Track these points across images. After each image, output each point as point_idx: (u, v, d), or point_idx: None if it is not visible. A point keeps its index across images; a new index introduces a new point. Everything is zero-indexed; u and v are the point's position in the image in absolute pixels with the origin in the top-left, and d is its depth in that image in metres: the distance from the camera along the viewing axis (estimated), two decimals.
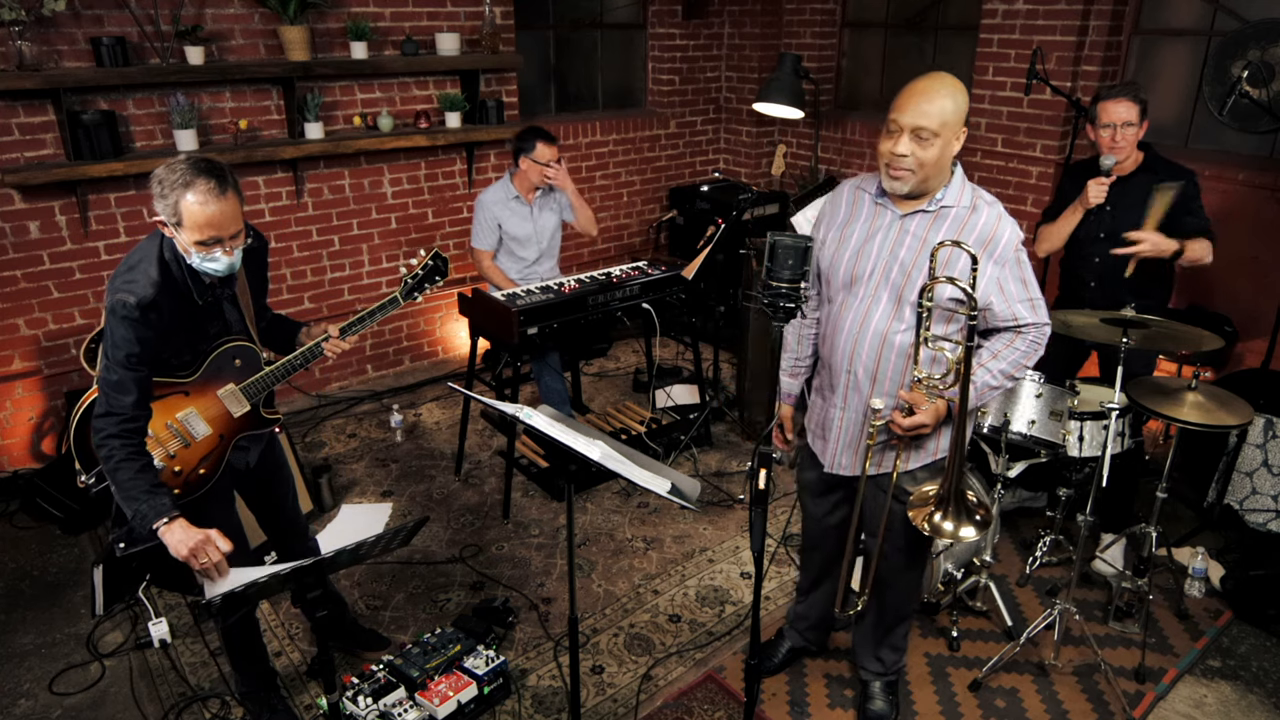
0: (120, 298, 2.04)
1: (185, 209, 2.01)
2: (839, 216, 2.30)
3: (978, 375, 2.15)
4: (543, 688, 2.80)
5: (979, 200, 2.15)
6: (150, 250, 2.13)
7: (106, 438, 2.03)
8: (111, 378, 2.05)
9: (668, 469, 2.06)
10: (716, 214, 4.69)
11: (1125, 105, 3.01)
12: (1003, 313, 2.16)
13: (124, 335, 2.04)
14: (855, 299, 2.22)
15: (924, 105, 2.02)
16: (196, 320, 2.20)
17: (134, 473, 2.03)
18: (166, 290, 2.09)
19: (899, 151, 2.06)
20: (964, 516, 2.10)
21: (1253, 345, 3.99)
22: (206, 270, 2.11)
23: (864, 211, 2.25)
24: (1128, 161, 3.11)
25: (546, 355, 3.86)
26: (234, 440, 2.36)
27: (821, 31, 5.67)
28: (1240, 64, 3.40)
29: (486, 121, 4.79)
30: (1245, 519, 3.51)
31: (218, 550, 2.01)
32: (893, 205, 2.19)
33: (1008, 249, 2.12)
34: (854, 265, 2.21)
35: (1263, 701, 2.77)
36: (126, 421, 2.05)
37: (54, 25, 3.62)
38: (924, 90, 2.03)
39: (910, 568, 2.49)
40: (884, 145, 2.10)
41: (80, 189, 3.82)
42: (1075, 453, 2.99)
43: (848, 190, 2.32)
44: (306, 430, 4.42)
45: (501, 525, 3.66)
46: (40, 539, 3.57)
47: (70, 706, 2.73)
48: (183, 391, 2.25)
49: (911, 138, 2.04)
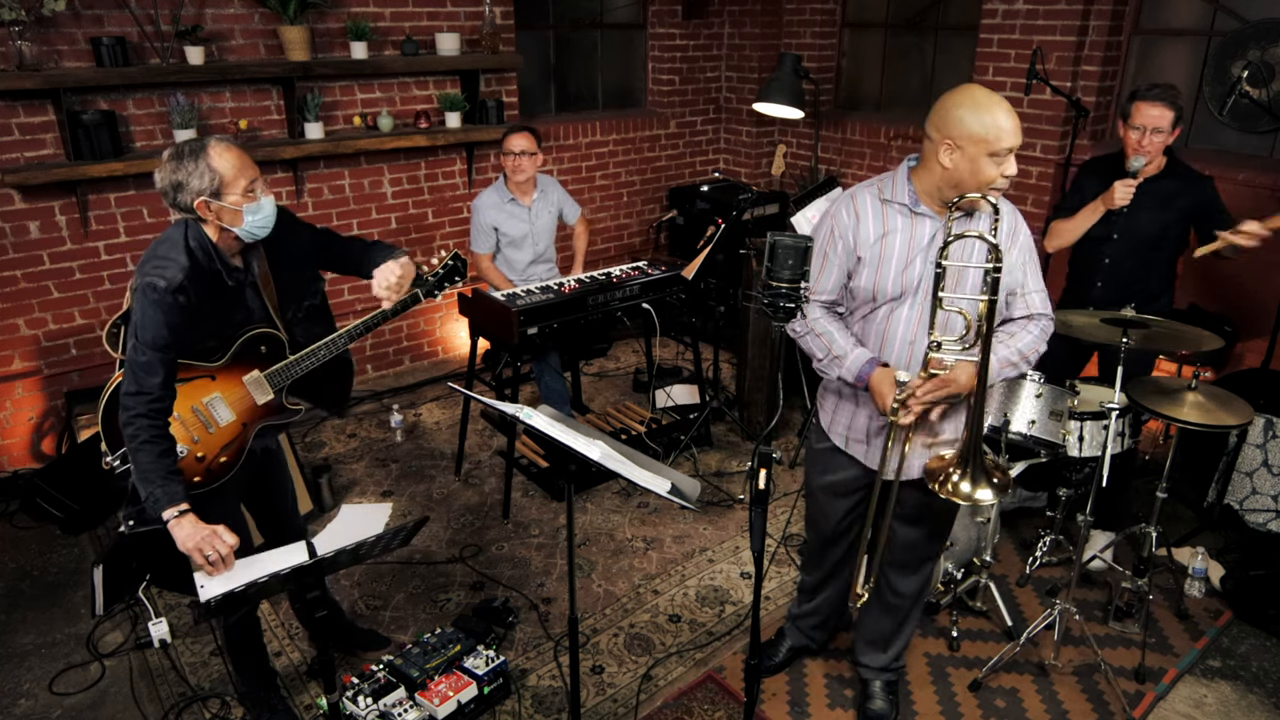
0: (151, 280, 2.07)
1: (218, 163, 2.08)
2: (868, 231, 2.20)
3: (998, 349, 2.16)
4: (543, 688, 2.80)
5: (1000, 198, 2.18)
6: (177, 237, 2.16)
7: (134, 416, 2.07)
8: (140, 359, 2.08)
9: (668, 469, 2.06)
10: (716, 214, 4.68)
11: (1160, 110, 2.94)
12: (1019, 300, 2.23)
13: (154, 318, 2.07)
14: (905, 308, 2.21)
15: (1017, 122, 2.04)
16: (223, 306, 2.23)
17: (155, 456, 2.07)
18: (195, 275, 2.13)
19: (1012, 172, 2.07)
20: (981, 478, 2.11)
21: (1253, 345, 3.99)
22: (259, 225, 2.17)
23: (900, 223, 2.19)
24: (1152, 165, 3.05)
25: (546, 355, 3.86)
26: (256, 429, 2.38)
27: (821, 31, 5.67)
28: (1240, 64, 3.40)
29: (486, 121, 4.79)
30: (1245, 519, 3.51)
31: (225, 544, 2.04)
32: (935, 214, 2.18)
33: (1028, 240, 2.23)
34: (902, 278, 2.19)
35: (1263, 701, 2.77)
36: (154, 401, 2.08)
37: (54, 25, 3.62)
38: (1008, 109, 2.04)
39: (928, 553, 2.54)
40: (990, 171, 2.05)
41: (80, 189, 3.82)
42: (1075, 453, 2.99)
43: (869, 203, 2.22)
44: (306, 430, 4.42)
45: (501, 525, 3.66)
46: (40, 539, 3.57)
47: (70, 706, 2.73)
48: (209, 376, 2.28)
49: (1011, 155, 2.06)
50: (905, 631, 2.64)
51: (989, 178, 2.06)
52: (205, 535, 2.03)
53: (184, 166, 2.06)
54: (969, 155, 2.05)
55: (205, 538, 2.03)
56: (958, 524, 3.07)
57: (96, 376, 4.03)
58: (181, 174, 2.06)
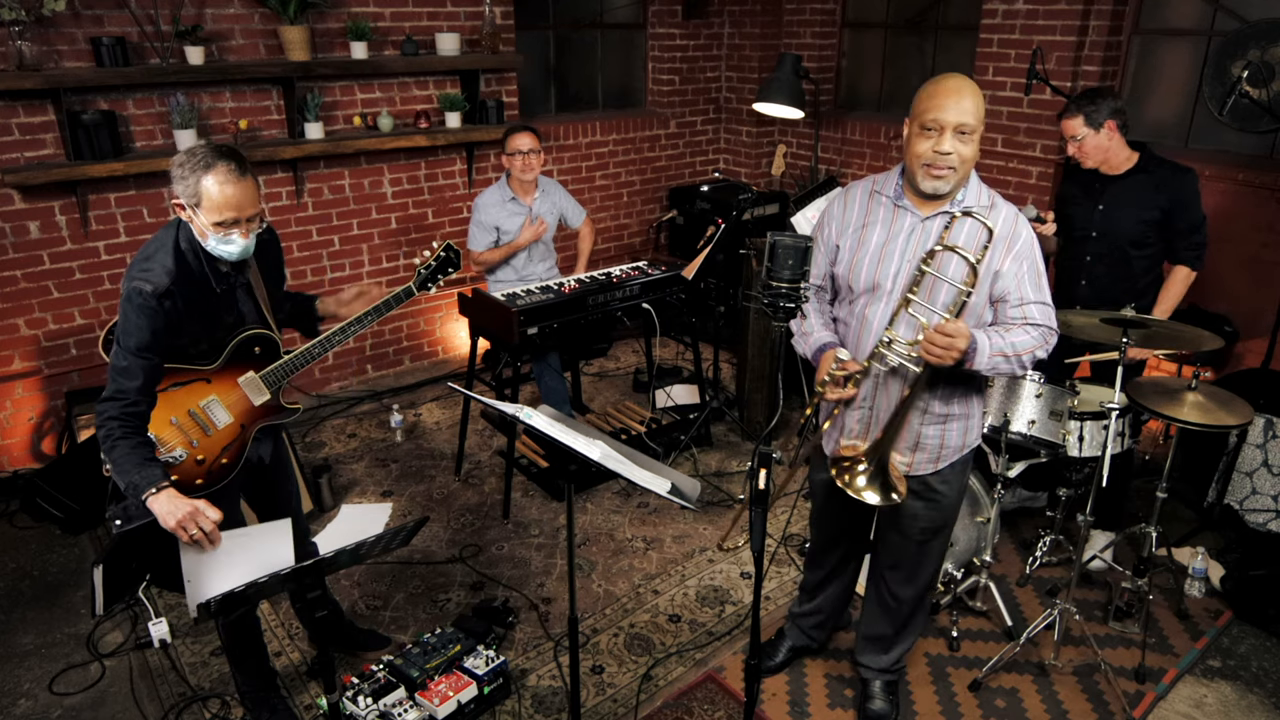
0: (136, 285, 2.07)
1: (205, 190, 2.05)
2: (852, 220, 2.24)
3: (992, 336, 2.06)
4: (543, 688, 2.80)
5: (996, 199, 2.17)
6: (166, 240, 2.15)
7: (108, 419, 2.07)
8: (120, 363, 2.08)
9: (668, 469, 2.06)
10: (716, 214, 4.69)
11: (1067, 123, 3.11)
12: (1015, 309, 2.12)
13: (137, 323, 2.07)
14: (879, 303, 2.20)
15: (963, 102, 2.00)
16: (212, 309, 2.23)
17: (129, 448, 2.06)
18: (182, 279, 2.12)
19: (944, 149, 2.02)
20: (877, 480, 2.11)
21: (1253, 345, 3.99)
22: (221, 253, 2.15)
23: (881, 215, 2.20)
24: (1119, 161, 3.13)
25: (546, 355, 3.86)
26: (254, 430, 2.38)
27: (821, 31, 5.66)
28: (1240, 64, 3.40)
29: (486, 121, 4.79)
30: (1245, 519, 3.51)
31: (208, 520, 2.01)
32: (914, 208, 2.15)
33: (1026, 245, 2.12)
34: (875, 270, 2.19)
35: (1263, 701, 2.77)
36: (129, 406, 2.08)
37: (54, 25, 3.62)
38: (957, 88, 2.01)
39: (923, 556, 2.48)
40: (921, 146, 2.04)
41: (80, 189, 3.82)
42: (1075, 453, 2.99)
43: (860, 193, 2.26)
44: (306, 430, 4.42)
45: (501, 525, 3.66)
46: (40, 539, 3.57)
47: (70, 706, 2.73)
48: (204, 379, 2.28)
49: (954, 135, 2.01)
50: (906, 636, 2.64)
51: (917, 152, 2.06)
52: (187, 511, 1.99)
53: (184, 168, 2.06)
54: (910, 130, 2.09)
55: (188, 513, 1.99)
56: (958, 524, 3.07)
57: (96, 376, 4.03)
58: (178, 172, 2.07)
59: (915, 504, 2.35)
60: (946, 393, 2.22)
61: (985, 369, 2.07)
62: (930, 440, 2.28)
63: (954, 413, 2.25)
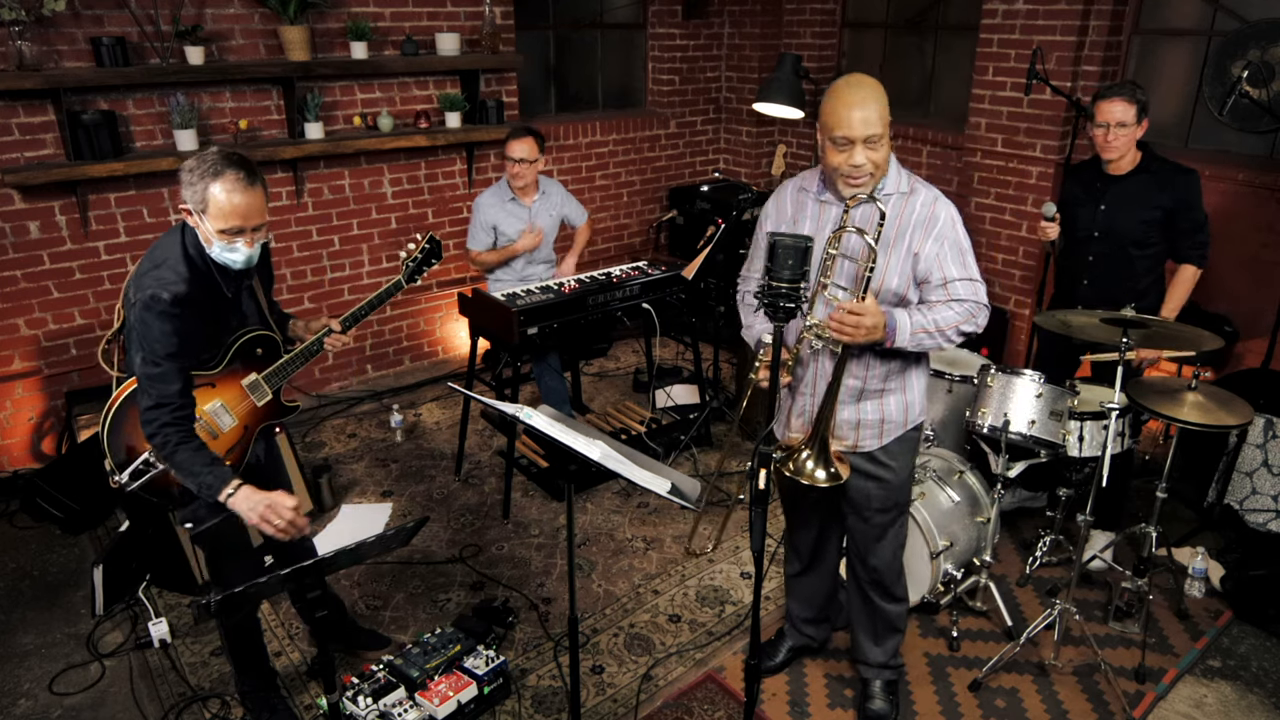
0: (154, 293, 2.07)
1: (212, 197, 2.05)
2: (785, 216, 2.37)
3: (912, 313, 2.16)
4: (543, 688, 2.80)
5: (915, 184, 2.25)
6: (173, 247, 2.15)
7: (161, 427, 2.08)
8: (153, 371, 2.08)
9: (668, 469, 2.06)
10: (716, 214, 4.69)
11: (1120, 105, 3.01)
12: (939, 288, 2.20)
13: (162, 329, 2.07)
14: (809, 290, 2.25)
15: (867, 114, 2.09)
16: (222, 313, 2.25)
17: (191, 451, 2.11)
18: (195, 284, 2.14)
19: (856, 163, 2.12)
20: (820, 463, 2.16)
21: (1253, 345, 3.99)
22: (226, 261, 2.15)
23: (809, 209, 2.32)
24: (1124, 160, 3.12)
25: (546, 355, 3.86)
26: (257, 430, 2.40)
27: (821, 31, 5.66)
28: (1240, 64, 3.40)
29: (486, 121, 4.79)
30: (1245, 519, 3.51)
31: (287, 510, 2.08)
32: (836, 201, 2.25)
33: (946, 226, 2.19)
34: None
35: (1263, 701, 2.77)
36: (177, 410, 2.10)
37: (54, 25, 3.62)
38: (861, 100, 2.10)
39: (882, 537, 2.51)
40: (835, 159, 2.15)
41: (80, 189, 3.82)
42: (1075, 453, 2.99)
43: (790, 191, 2.39)
44: (306, 430, 4.42)
45: (501, 525, 3.66)
46: (40, 539, 3.57)
47: (70, 706, 2.73)
48: (209, 384, 2.29)
49: (864, 146, 2.11)
50: (892, 624, 2.64)
51: (833, 164, 2.16)
52: (266, 504, 2.07)
53: (193, 174, 2.06)
54: (821, 140, 2.18)
55: (267, 506, 2.07)
56: (958, 524, 3.07)
57: (96, 377, 4.03)
58: (187, 177, 2.07)
59: (867, 484, 2.43)
60: (881, 369, 2.31)
61: (910, 346, 2.17)
62: (870, 415, 2.36)
63: (890, 387, 2.34)
